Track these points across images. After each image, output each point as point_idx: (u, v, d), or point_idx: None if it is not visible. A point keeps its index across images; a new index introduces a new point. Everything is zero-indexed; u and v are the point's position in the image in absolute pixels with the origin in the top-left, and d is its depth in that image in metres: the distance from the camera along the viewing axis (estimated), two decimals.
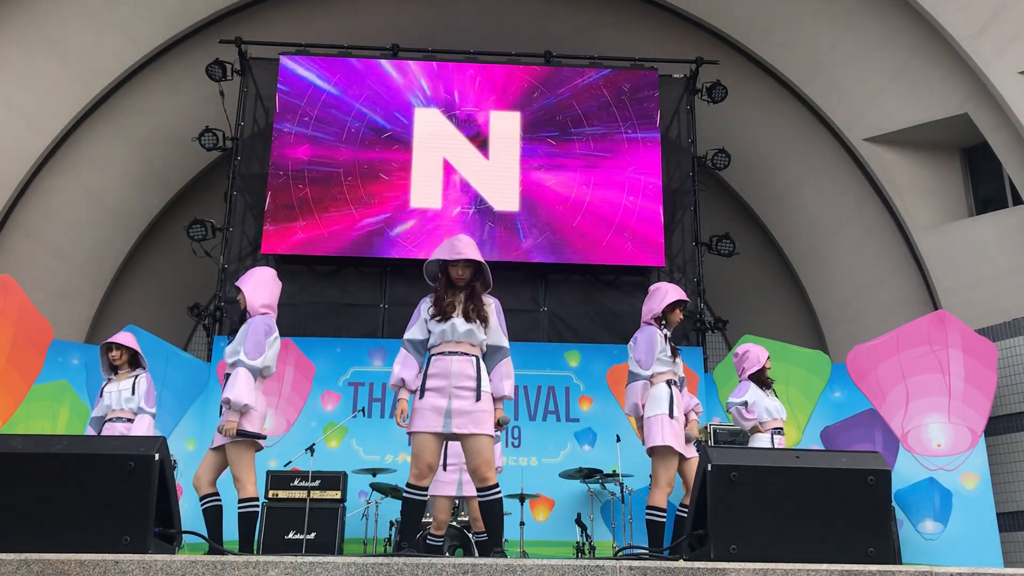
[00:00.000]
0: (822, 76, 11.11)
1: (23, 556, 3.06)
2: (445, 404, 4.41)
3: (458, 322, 4.51)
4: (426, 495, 4.47)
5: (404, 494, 4.43)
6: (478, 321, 4.53)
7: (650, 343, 5.62)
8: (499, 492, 4.40)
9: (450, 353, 4.50)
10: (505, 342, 4.64)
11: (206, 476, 5.20)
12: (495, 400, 4.52)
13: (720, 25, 11.51)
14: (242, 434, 5.04)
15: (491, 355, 4.60)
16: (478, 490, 4.42)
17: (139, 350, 6.31)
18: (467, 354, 4.50)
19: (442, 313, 4.53)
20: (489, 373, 4.55)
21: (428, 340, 4.59)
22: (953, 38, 9.32)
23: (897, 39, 10.19)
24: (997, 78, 9.08)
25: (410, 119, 11.05)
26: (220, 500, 5.20)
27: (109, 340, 6.33)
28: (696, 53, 11.47)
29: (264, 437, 5.19)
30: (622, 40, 11.98)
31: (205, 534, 5.01)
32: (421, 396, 4.46)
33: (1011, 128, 9.35)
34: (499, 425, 4.50)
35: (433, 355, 4.54)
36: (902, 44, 10.18)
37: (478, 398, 4.42)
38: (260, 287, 5.40)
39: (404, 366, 4.53)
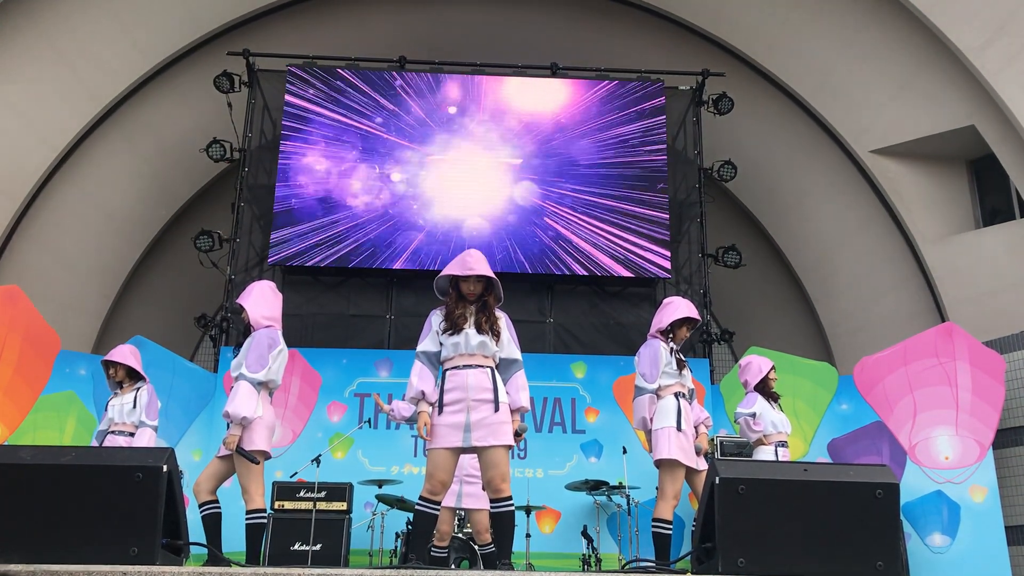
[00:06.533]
0: (828, 88, 11.11)
1: (32, 567, 3.06)
2: (464, 419, 4.41)
3: (471, 333, 4.52)
4: (439, 509, 4.47)
5: (417, 507, 4.44)
6: (490, 334, 4.54)
7: (654, 357, 5.63)
8: (512, 505, 4.41)
9: (465, 367, 4.51)
10: (519, 355, 4.67)
11: (206, 484, 5.20)
12: (512, 411, 4.53)
13: (726, 37, 11.53)
14: (240, 452, 5.03)
15: (505, 368, 4.62)
16: (491, 502, 4.43)
17: (133, 365, 6.32)
18: (482, 366, 4.51)
19: (454, 326, 4.54)
20: (505, 385, 4.56)
21: (441, 352, 4.60)
22: (959, 50, 9.32)
23: (903, 51, 10.20)
24: (1004, 90, 9.08)
25: (417, 130, 11.08)
26: (219, 508, 5.19)
27: (105, 358, 6.37)
28: (702, 65, 11.49)
29: (262, 458, 5.15)
30: (628, 52, 12.02)
31: (206, 543, 5.00)
32: (440, 412, 4.46)
33: (1018, 140, 9.34)
34: (518, 436, 4.52)
35: (447, 370, 4.55)
36: (908, 56, 10.18)
37: (496, 408, 4.42)
38: (261, 300, 5.41)
39: (421, 378, 4.53)
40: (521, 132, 11.17)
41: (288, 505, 8.04)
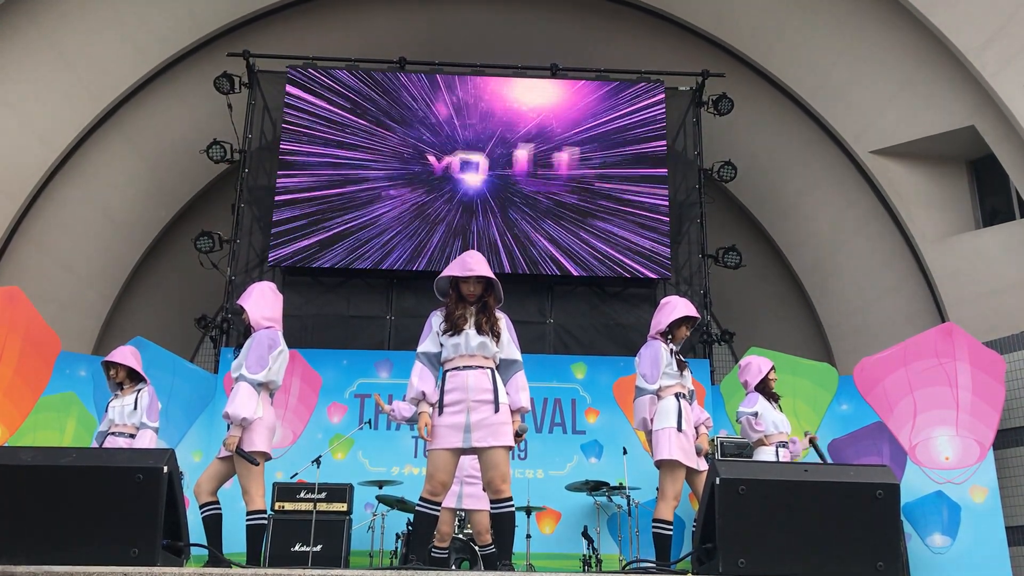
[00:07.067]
0: (828, 89, 11.12)
1: (32, 568, 3.07)
2: (464, 419, 4.42)
3: (471, 333, 4.52)
4: (439, 510, 4.47)
5: (417, 507, 4.44)
6: (490, 334, 4.54)
7: (655, 357, 5.63)
8: (512, 505, 4.41)
9: (465, 368, 4.51)
10: (519, 355, 4.67)
11: (207, 485, 5.19)
12: (513, 412, 4.53)
13: (726, 38, 11.54)
14: (240, 453, 5.02)
15: (505, 368, 4.62)
16: (492, 502, 4.43)
17: (134, 366, 6.32)
18: (482, 367, 4.52)
19: (454, 327, 4.55)
20: (505, 386, 4.56)
21: (441, 353, 4.60)
22: (959, 50, 9.33)
23: (903, 51, 10.20)
24: (1003, 90, 9.08)
25: (417, 131, 11.09)
26: (220, 509, 5.18)
27: (106, 359, 6.36)
28: (702, 66, 11.49)
29: (262, 459, 5.14)
30: (628, 53, 12.02)
31: (207, 544, 5.00)
32: (440, 413, 4.46)
33: (1018, 140, 9.34)
34: (518, 436, 4.52)
35: (448, 371, 4.55)
36: (908, 56, 10.19)
37: (496, 409, 4.43)
38: (261, 301, 5.41)
39: (421, 379, 4.53)
40: (521, 133, 11.16)
41: (288, 506, 8.04)
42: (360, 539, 8.35)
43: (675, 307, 5.78)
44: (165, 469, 3.78)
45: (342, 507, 8.07)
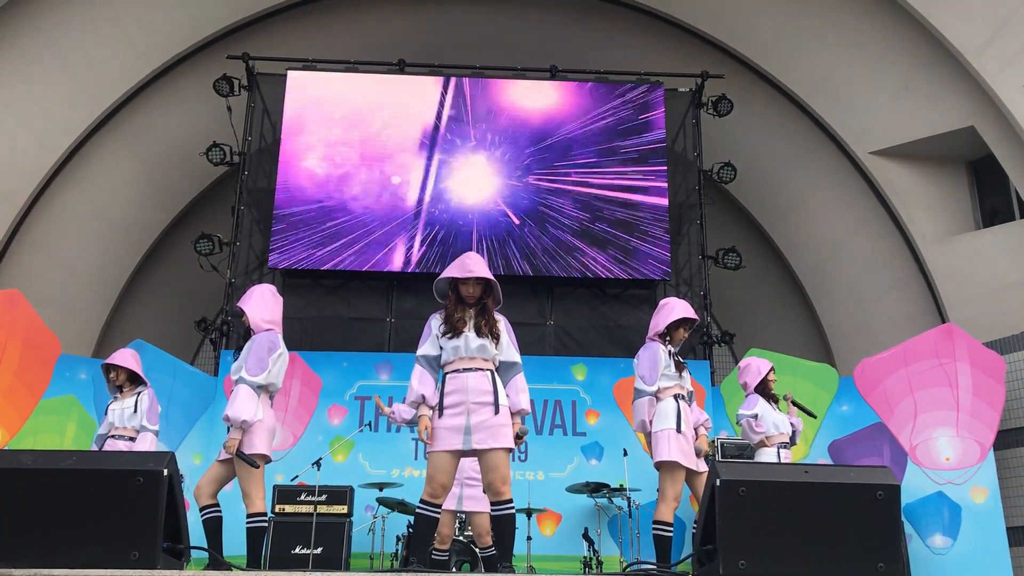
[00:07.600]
0: (828, 89, 11.12)
1: (32, 572, 3.06)
2: (464, 422, 4.41)
3: (471, 336, 4.52)
4: (439, 512, 4.46)
5: (417, 510, 4.43)
6: (490, 337, 4.54)
7: (653, 359, 5.63)
8: (512, 507, 4.40)
9: (464, 370, 4.51)
10: (518, 358, 4.67)
11: (207, 488, 5.18)
12: (513, 414, 4.52)
13: (726, 39, 11.54)
14: (240, 456, 5.01)
15: (505, 371, 4.62)
16: (492, 504, 4.43)
17: (135, 369, 6.31)
18: (481, 369, 4.51)
19: (453, 329, 4.54)
20: (504, 388, 4.56)
21: (441, 356, 4.60)
22: (959, 51, 9.33)
23: (903, 53, 10.21)
24: (1003, 91, 9.09)
25: (416, 132, 11.09)
26: (220, 512, 5.17)
27: (106, 361, 6.36)
28: (702, 67, 11.50)
29: (262, 462, 5.13)
30: (628, 54, 12.02)
31: (207, 547, 4.99)
32: (440, 415, 4.46)
33: (1017, 140, 9.35)
34: (518, 438, 4.51)
35: (447, 373, 4.55)
36: (908, 58, 10.19)
37: (496, 411, 4.42)
38: (261, 304, 5.40)
39: (421, 382, 4.53)
40: (521, 135, 11.17)
41: (289, 508, 8.04)
42: (360, 541, 8.35)
43: (673, 308, 5.78)
44: (165, 472, 3.78)
45: (342, 509, 8.06)
